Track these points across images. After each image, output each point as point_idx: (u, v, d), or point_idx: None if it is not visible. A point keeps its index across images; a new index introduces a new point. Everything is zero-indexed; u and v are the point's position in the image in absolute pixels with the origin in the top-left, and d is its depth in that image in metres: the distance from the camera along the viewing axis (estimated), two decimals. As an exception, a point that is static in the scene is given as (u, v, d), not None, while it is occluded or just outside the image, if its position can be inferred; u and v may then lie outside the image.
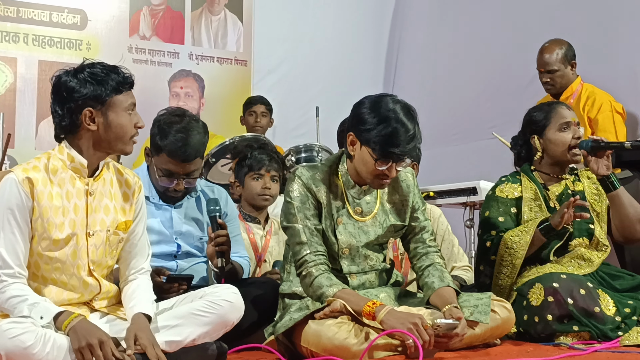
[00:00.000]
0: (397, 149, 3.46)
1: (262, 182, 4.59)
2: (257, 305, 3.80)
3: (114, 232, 3.25)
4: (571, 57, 5.86)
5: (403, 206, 3.79)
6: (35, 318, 2.93)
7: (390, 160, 3.50)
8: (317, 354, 3.36)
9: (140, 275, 3.36)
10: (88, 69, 3.15)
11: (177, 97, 8.32)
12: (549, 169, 4.27)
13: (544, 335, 3.82)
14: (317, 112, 7.50)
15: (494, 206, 4.23)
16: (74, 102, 3.11)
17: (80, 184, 3.17)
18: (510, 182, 4.27)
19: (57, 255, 3.11)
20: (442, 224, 4.94)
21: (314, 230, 3.60)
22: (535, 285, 3.88)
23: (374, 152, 3.49)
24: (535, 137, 4.25)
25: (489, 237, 4.16)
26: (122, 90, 3.17)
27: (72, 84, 3.12)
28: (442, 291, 3.61)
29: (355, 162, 3.61)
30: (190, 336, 3.16)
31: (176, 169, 3.88)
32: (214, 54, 8.57)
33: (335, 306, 3.40)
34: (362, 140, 3.54)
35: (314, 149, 6.28)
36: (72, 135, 3.17)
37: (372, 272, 3.74)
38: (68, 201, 3.13)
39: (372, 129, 3.48)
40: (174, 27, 8.43)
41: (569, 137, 4.18)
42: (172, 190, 3.93)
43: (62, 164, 3.15)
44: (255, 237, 4.62)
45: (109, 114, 3.14)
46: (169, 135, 3.85)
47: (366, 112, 3.53)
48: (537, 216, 4.13)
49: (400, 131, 3.45)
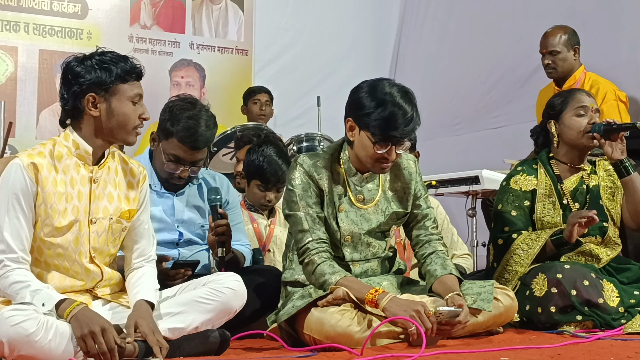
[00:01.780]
0: (395, 131, 3.45)
1: (266, 194, 4.55)
2: (259, 293, 3.80)
3: (117, 220, 3.25)
4: (574, 42, 5.85)
5: (405, 193, 3.78)
6: (37, 305, 2.92)
7: (389, 143, 3.49)
8: (320, 342, 3.35)
9: (146, 264, 3.36)
10: (98, 56, 3.17)
11: (178, 86, 8.31)
12: (566, 158, 4.21)
13: (548, 325, 3.82)
14: (319, 101, 7.50)
15: (506, 199, 4.18)
16: (78, 86, 3.12)
17: (85, 171, 3.17)
18: (526, 173, 4.21)
19: (59, 242, 3.11)
20: (441, 214, 4.94)
21: (316, 218, 3.60)
22: (538, 275, 3.87)
23: (372, 136, 3.49)
24: (552, 122, 4.21)
25: (502, 234, 4.13)
26: (128, 79, 3.16)
27: (78, 69, 3.14)
28: (444, 279, 3.61)
29: (355, 147, 3.60)
30: (193, 323, 3.15)
31: (184, 156, 3.88)
32: (215, 43, 8.56)
33: (338, 294, 3.39)
34: (360, 125, 3.53)
35: (315, 138, 6.28)
36: (76, 121, 3.18)
37: (374, 259, 3.73)
38: (72, 188, 3.13)
39: (371, 113, 3.47)
40: (175, 16, 8.42)
41: (584, 122, 4.12)
42: (175, 177, 3.93)
43: (67, 151, 3.15)
44: (260, 227, 4.61)
45: (112, 100, 3.14)
46: (180, 121, 3.85)
47: (364, 96, 3.52)
48: (550, 214, 4.10)
49: (398, 114, 3.44)
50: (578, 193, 4.16)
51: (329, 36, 8.90)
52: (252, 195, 4.58)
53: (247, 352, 3.35)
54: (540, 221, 4.11)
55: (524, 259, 4.00)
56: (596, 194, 4.17)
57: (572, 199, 4.15)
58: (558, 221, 4.10)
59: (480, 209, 5.89)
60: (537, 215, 4.12)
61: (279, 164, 4.48)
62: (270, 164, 4.48)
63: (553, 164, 4.22)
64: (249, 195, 4.63)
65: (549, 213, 4.11)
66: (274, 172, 4.47)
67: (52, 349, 2.84)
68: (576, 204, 4.12)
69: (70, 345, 2.88)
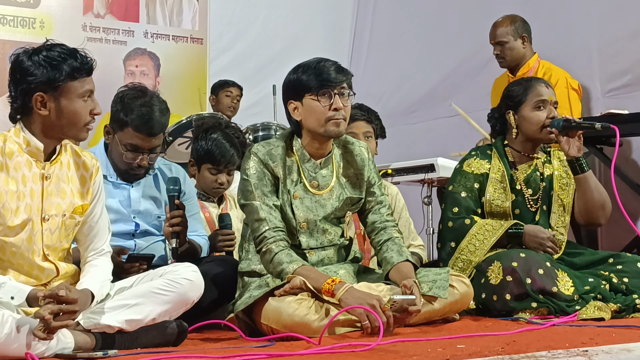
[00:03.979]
0: (329, 76, 3.60)
1: (218, 177, 4.54)
2: (216, 283, 3.79)
3: (70, 216, 3.20)
4: (522, 31, 5.90)
5: (358, 179, 3.81)
6: (5, 298, 2.88)
7: (329, 91, 3.60)
8: (277, 331, 3.36)
9: (100, 257, 3.31)
10: (45, 52, 3.07)
11: (132, 75, 8.24)
12: (521, 147, 4.25)
13: (503, 312, 3.85)
14: (274, 90, 7.47)
15: (458, 180, 4.23)
16: (26, 84, 3.04)
17: (37, 168, 3.11)
18: (479, 157, 4.25)
19: (13, 241, 3.05)
20: (399, 201, 4.95)
21: (272, 207, 3.60)
22: (494, 263, 3.91)
23: (312, 93, 3.61)
24: (510, 112, 4.24)
25: (452, 215, 4.16)
26: (78, 76, 3.08)
27: (26, 66, 3.05)
28: (400, 266, 3.63)
29: (305, 122, 3.66)
30: (151, 315, 3.13)
31: (142, 144, 3.87)
32: (169, 32, 8.49)
33: (295, 283, 3.40)
34: (301, 95, 3.65)
35: (271, 127, 6.28)
36: (25, 118, 3.11)
37: (330, 247, 3.75)
38: (24, 186, 3.07)
39: (304, 78, 3.64)
40: (129, 4, 8.33)
41: (543, 116, 4.16)
42: (135, 166, 3.91)
43: (18, 148, 3.08)
44: (212, 215, 4.59)
45: (61, 99, 3.06)
46: (134, 110, 3.84)
47: (291, 74, 3.72)
48: (500, 198, 4.14)
49: (326, 64, 3.66)
50: (532, 180, 4.21)
51: (283, 24, 8.86)
52: (204, 180, 4.57)
53: (205, 342, 3.35)
54: (490, 204, 4.15)
55: (479, 249, 4.03)
56: (549, 183, 4.22)
57: (526, 185, 4.19)
58: (507, 206, 4.15)
59: (436, 197, 5.92)
60: (487, 198, 4.16)
61: (226, 146, 4.51)
62: (219, 146, 4.50)
63: (507, 152, 4.25)
64: (199, 182, 4.62)
65: (499, 197, 4.15)
66: (223, 154, 4.50)
67: (8, 343, 2.79)
68: (529, 190, 4.17)
69: (28, 340, 2.83)
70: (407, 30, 8.28)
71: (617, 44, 6.25)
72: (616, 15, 6.29)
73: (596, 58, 6.39)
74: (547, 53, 6.03)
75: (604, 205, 4.17)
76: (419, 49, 8.07)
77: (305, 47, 8.78)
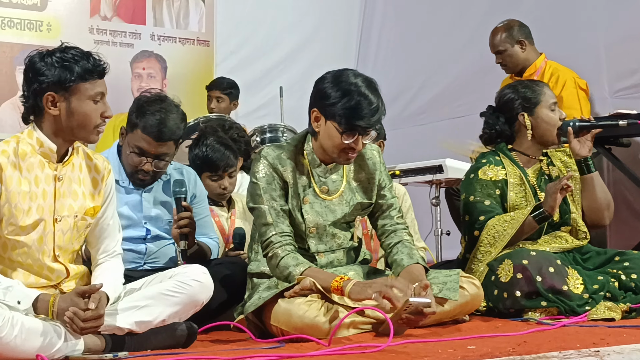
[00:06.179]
0: (362, 121, 3.47)
1: (220, 183, 4.52)
2: (226, 285, 3.79)
3: (82, 217, 3.21)
4: (518, 36, 5.87)
5: (369, 184, 3.79)
6: (11, 303, 2.89)
7: (356, 133, 3.50)
8: (287, 333, 3.35)
9: (111, 259, 3.33)
10: (59, 53, 3.10)
11: (139, 78, 8.25)
12: (529, 150, 4.25)
13: (513, 310, 3.85)
14: (281, 92, 7.48)
15: (479, 190, 4.16)
16: (38, 84, 3.07)
17: (49, 169, 3.13)
18: (493, 163, 4.21)
19: (24, 240, 3.07)
20: (406, 202, 4.94)
21: (280, 211, 3.60)
22: (505, 261, 3.90)
23: (339, 126, 3.50)
24: (524, 114, 4.23)
25: (478, 224, 4.10)
26: (89, 78, 3.11)
27: (39, 66, 3.08)
28: (411, 268, 3.62)
29: (321, 138, 3.60)
30: (160, 316, 3.14)
31: (148, 148, 3.84)
32: (176, 34, 8.50)
33: (305, 284, 3.39)
34: (326, 115, 3.54)
35: (278, 129, 6.26)
36: (38, 118, 3.13)
37: (339, 250, 3.74)
38: (36, 186, 3.09)
39: (336, 103, 3.49)
40: (136, 7, 8.34)
41: (557, 117, 4.19)
42: (139, 170, 3.89)
43: (32, 149, 3.11)
44: (221, 220, 4.58)
45: (72, 100, 3.09)
46: (146, 113, 3.83)
47: (329, 86, 3.53)
48: (523, 202, 4.13)
49: (364, 103, 3.46)
50: (542, 183, 4.19)
51: (291, 27, 8.87)
52: (207, 188, 4.54)
53: (214, 344, 3.35)
54: (514, 209, 4.12)
55: (498, 240, 4.01)
56: (557, 182, 4.22)
57: (538, 187, 4.18)
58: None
59: (444, 198, 5.92)
60: (511, 203, 4.13)
61: (221, 150, 4.47)
62: (215, 151, 4.46)
63: (514, 155, 4.25)
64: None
65: (521, 202, 4.13)
66: (221, 158, 4.46)
67: (17, 345, 2.82)
68: (542, 193, 4.15)
69: (38, 342, 2.86)
70: (415, 32, 8.28)
71: (625, 44, 6.26)
72: (624, 15, 6.28)
73: (604, 58, 6.39)
74: (554, 54, 6.02)
75: (609, 206, 4.21)
76: (427, 50, 8.07)
77: (313, 50, 8.82)
